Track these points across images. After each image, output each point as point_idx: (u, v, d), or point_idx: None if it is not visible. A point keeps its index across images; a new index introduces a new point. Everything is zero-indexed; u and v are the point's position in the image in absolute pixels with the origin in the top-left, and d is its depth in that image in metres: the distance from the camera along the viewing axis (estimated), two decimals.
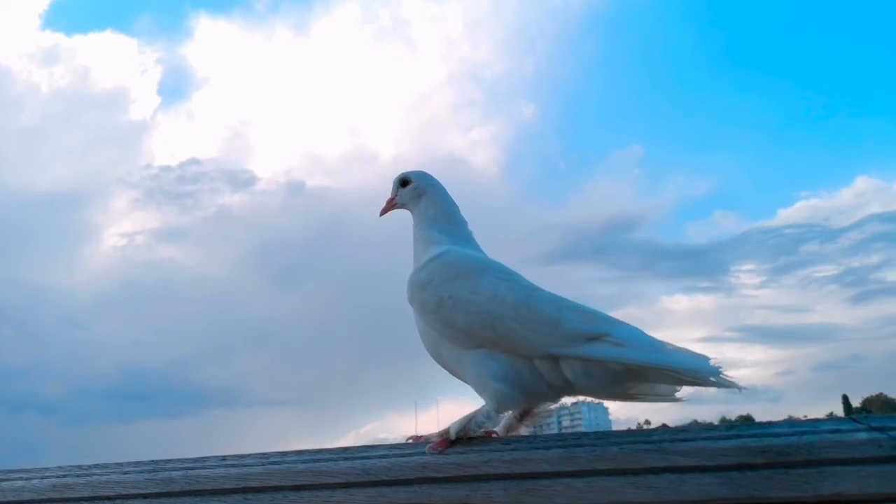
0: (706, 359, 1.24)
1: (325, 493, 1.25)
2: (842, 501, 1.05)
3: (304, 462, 1.31)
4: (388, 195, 1.68)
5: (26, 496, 1.42)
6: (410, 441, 1.34)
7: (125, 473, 1.39)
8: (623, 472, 1.13)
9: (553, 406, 1.41)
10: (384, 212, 1.69)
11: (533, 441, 1.23)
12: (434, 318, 1.40)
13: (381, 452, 1.29)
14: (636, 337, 1.29)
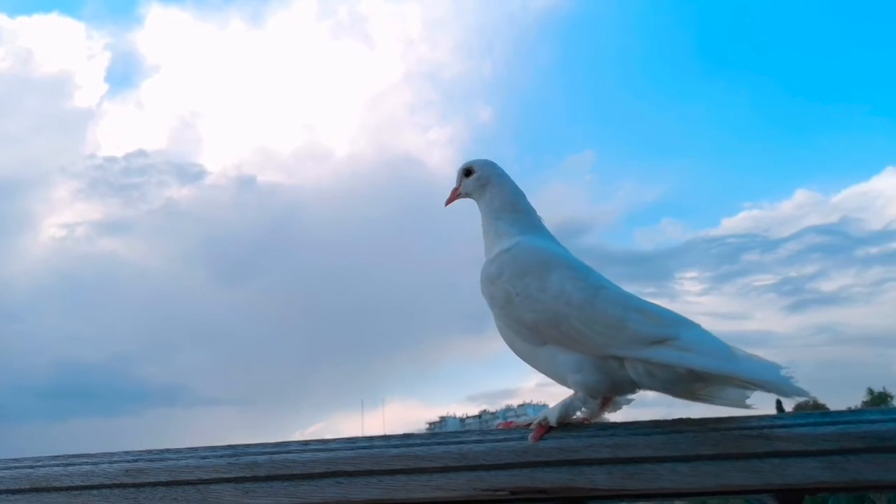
0: (777, 367, 1.21)
1: (423, 477, 1.25)
2: None
3: (396, 447, 1.30)
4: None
5: (96, 480, 1.38)
6: (500, 427, 1.35)
7: (203, 458, 1.37)
8: (727, 457, 1.17)
9: (632, 396, 1.42)
10: (449, 201, 1.69)
11: (631, 427, 1.25)
12: (503, 314, 1.41)
13: (474, 438, 1.29)
14: (704, 342, 1.27)
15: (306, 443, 1.36)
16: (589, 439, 1.23)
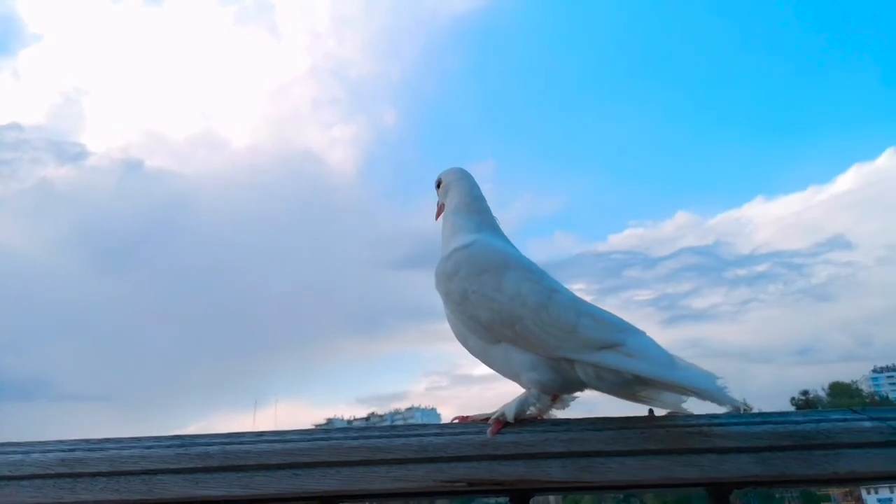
0: (713, 378, 1.30)
1: (382, 468, 1.26)
2: (854, 479, 1.23)
3: (354, 439, 1.30)
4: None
5: (27, 470, 1.29)
6: (457, 421, 1.38)
7: (148, 448, 1.31)
8: (670, 452, 1.25)
9: (578, 394, 1.49)
10: (437, 216, 1.74)
11: (583, 423, 1.32)
12: (459, 310, 1.44)
13: (433, 431, 1.32)
14: (648, 349, 1.35)
15: (261, 434, 1.34)
16: (544, 434, 1.29)
